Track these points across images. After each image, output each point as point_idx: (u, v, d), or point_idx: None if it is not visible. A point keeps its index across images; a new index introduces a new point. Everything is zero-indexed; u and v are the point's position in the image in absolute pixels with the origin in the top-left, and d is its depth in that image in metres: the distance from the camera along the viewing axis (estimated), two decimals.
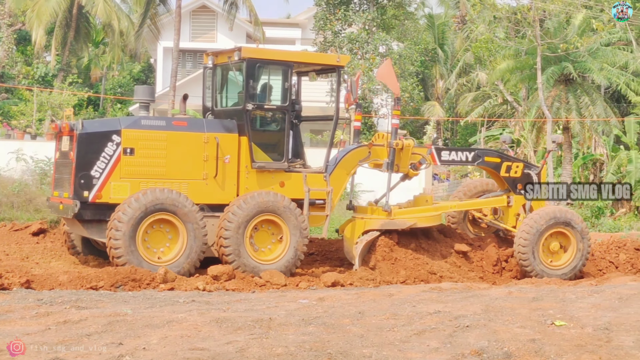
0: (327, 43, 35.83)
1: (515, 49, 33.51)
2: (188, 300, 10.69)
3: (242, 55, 13.93)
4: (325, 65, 15.47)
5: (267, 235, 13.82)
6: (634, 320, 9.41)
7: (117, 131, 13.27)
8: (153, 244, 13.14)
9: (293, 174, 14.37)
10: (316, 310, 9.94)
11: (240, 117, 14.07)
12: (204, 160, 13.71)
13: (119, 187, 13.12)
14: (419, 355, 7.57)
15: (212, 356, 7.14)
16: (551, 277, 14.99)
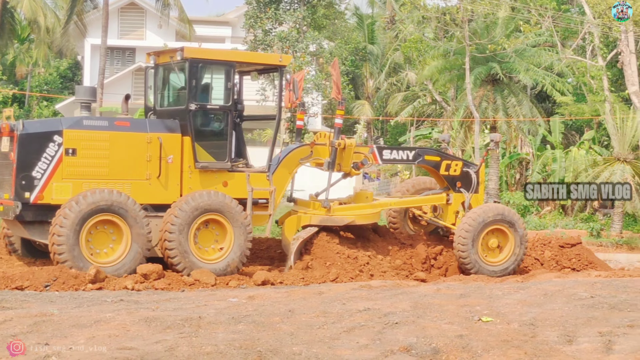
0: (258, 42, 35.77)
1: (444, 49, 33.88)
2: (116, 299, 10.58)
3: (185, 55, 13.85)
4: (267, 65, 15.54)
5: (211, 235, 13.75)
6: (558, 316, 9.59)
7: (59, 132, 13.08)
8: (97, 245, 12.96)
9: (236, 173, 14.36)
10: (246, 308, 9.92)
11: (183, 117, 13.97)
12: (147, 161, 13.58)
13: (61, 188, 12.94)
14: (348, 352, 7.61)
15: (140, 356, 7.09)
16: (489, 273, 15.27)
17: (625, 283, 13.22)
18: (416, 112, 42.21)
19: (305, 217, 15.00)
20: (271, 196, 14.40)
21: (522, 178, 35.46)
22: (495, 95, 33.58)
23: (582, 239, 18.95)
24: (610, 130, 29.13)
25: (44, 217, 12.91)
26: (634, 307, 10.29)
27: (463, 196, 16.20)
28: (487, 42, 31.76)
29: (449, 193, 16.26)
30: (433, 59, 34.81)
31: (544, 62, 33.13)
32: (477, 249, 15.32)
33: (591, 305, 10.38)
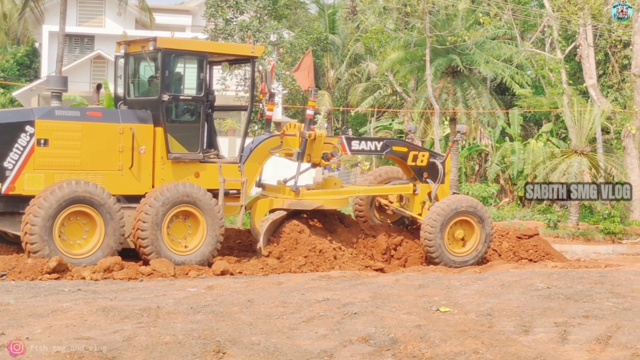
0: (218, 31, 35.61)
1: (405, 41, 33.96)
2: (74, 289, 10.51)
3: (158, 45, 13.77)
4: (239, 55, 15.53)
5: (183, 227, 13.74)
6: (514, 306, 9.69)
7: (31, 122, 12.98)
8: (70, 236, 12.88)
9: (208, 164, 14.32)
10: (205, 298, 9.92)
11: (155, 107, 13.92)
12: (120, 151, 13.53)
13: (32, 178, 12.87)
14: (307, 342, 7.64)
15: (98, 345, 7.06)
16: (456, 263, 15.41)
17: (581, 274, 13.37)
18: (377, 103, 42.29)
19: (274, 201, 15.01)
20: (243, 187, 14.44)
21: (480, 170, 35.72)
22: (455, 87, 33.76)
23: (540, 230, 19.15)
24: (568, 122, 29.38)
25: (15, 208, 12.85)
26: (589, 297, 10.42)
27: (429, 187, 16.26)
28: (448, 34, 31.91)
29: (415, 183, 16.32)
30: (394, 50, 34.89)
31: (504, 54, 33.35)
32: (445, 246, 15.45)
33: (547, 296, 10.49)
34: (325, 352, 7.32)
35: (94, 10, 45.90)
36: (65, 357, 6.73)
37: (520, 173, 31.61)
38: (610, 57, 35.10)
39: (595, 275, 13.09)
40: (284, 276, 12.88)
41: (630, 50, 32.08)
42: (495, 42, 33.98)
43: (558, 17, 31.95)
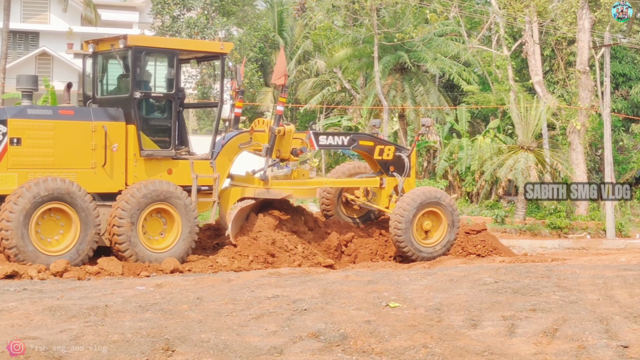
0: (166, 28, 35.44)
1: (353, 37, 34.09)
2: (19, 288, 10.37)
3: (128, 43, 13.74)
4: (208, 52, 15.44)
5: (158, 224, 13.73)
6: (463, 301, 9.77)
7: (3, 121, 12.92)
8: (46, 233, 12.82)
9: (180, 161, 14.32)
10: (154, 296, 9.85)
11: (127, 105, 13.86)
12: (92, 150, 13.47)
13: (6, 177, 12.81)
14: (257, 339, 7.63)
15: (45, 345, 6.99)
16: (424, 254, 15.58)
17: (527, 268, 13.52)
18: (325, 99, 42.33)
19: (244, 190, 15.14)
20: (215, 183, 14.45)
21: (429, 166, 35.94)
22: (403, 84, 33.99)
23: (487, 225, 19.30)
24: (515, 119, 29.72)
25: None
26: (536, 291, 10.54)
27: (396, 180, 16.37)
28: (395, 31, 32.10)
29: (382, 177, 16.45)
30: (342, 47, 35.00)
31: (451, 51, 33.64)
32: (414, 238, 15.60)
33: (495, 290, 10.59)
34: (275, 349, 7.32)
35: (38, 6, 45.43)
36: (10, 358, 6.66)
37: (468, 169, 31.88)
38: (555, 54, 35.53)
39: (542, 270, 13.24)
40: (233, 274, 12.85)
41: (575, 47, 32.53)
42: (443, 40, 34.26)
43: (504, 14, 32.29)
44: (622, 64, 37.26)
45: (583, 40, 30.91)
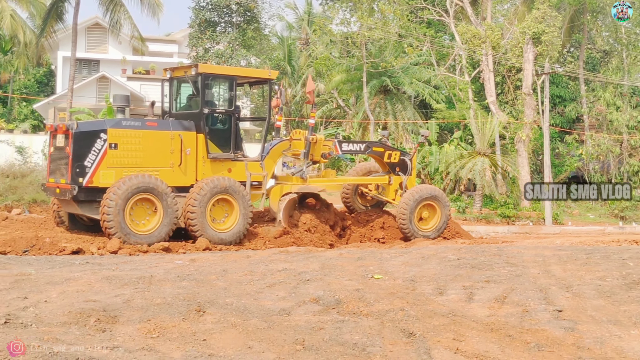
0: (199, 57, 35.39)
1: (347, 66, 34.08)
2: (83, 262, 10.40)
3: (199, 70, 14.08)
4: (259, 78, 15.55)
5: (222, 209, 13.88)
6: (432, 274, 9.77)
7: (104, 130, 13.21)
8: (137, 217, 13.03)
9: (237, 162, 14.59)
10: (189, 269, 9.87)
11: (197, 119, 14.16)
12: (171, 153, 13.85)
13: (106, 174, 13.09)
14: (270, 303, 7.64)
15: (103, 307, 7.00)
16: (421, 237, 15.82)
17: (483, 248, 13.51)
18: (324, 114, 42.31)
19: (287, 186, 15.35)
20: (264, 179, 14.81)
21: None
22: (386, 103, 34.01)
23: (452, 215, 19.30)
24: (473, 130, 29.72)
25: (93, 197, 13.06)
26: (489, 267, 10.55)
27: (401, 178, 16.67)
28: (380, 61, 32.12)
29: (390, 176, 16.73)
30: (338, 73, 34.99)
31: (424, 77, 33.65)
32: (414, 224, 15.89)
33: (457, 266, 10.59)
34: (284, 310, 7.33)
35: (99, 39, 45.44)
36: (76, 315, 6.67)
37: (436, 170, 31.86)
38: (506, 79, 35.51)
39: (494, 250, 13.23)
40: (252, 251, 12.86)
41: (521, 74, 32.52)
42: (417, 68, 34.28)
43: (466, 48, 32.26)
44: (559, 88, 37.26)
45: (527, 69, 30.89)
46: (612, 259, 11.62)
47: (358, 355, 5.98)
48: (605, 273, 10.06)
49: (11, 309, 6.78)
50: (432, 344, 6.42)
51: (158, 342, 6.11)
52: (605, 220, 28.49)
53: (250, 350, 5.98)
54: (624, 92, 34.66)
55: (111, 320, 6.63)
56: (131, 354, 5.72)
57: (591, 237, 19.08)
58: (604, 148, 32.76)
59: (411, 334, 6.69)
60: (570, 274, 10.04)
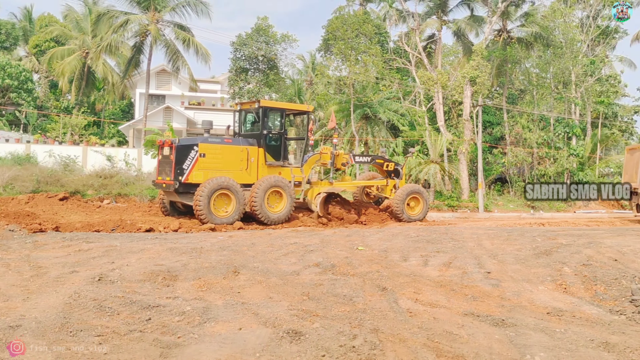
0: (236, 94, 35.38)
1: (339, 100, 34.05)
2: (153, 237, 10.43)
3: (261, 104, 14.34)
4: (301, 110, 15.54)
5: (275, 198, 14.01)
6: (399, 246, 9.79)
7: (197, 144, 13.46)
8: (218, 206, 13.22)
9: (285, 168, 14.76)
10: (227, 242, 9.90)
11: (259, 138, 14.36)
12: (241, 161, 14.04)
13: (197, 174, 13.36)
14: (285, 266, 7.66)
15: (167, 269, 7.02)
16: (412, 220, 16.06)
17: (435, 229, 13.55)
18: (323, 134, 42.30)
19: (318, 188, 15.56)
20: (303, 180, 15.13)
21: None
22: (367, 125, 33.93)
23: None
24: (428, 145, 29.70)
25: (188, 190, 13.34)
26: (439, 241, 10.57)
27: (395, 181, 16.93)
28: (363, 96, 32.08)
29: (387, 179, 16.98)
30: (333, 105, 34.93)
31: (393, 107, 33.57)
32: (405, 211, 16.09)
33: (417, 240, 10.61)
34: (295, 272, 7.34)
35: (164, 80, 45.48)
36: (148, 275, 6.69)
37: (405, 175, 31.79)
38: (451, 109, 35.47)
39: (443, 229, 13.26)
40: (272, 229, 12.89)
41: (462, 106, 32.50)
42: (389, 101, 34.22)
43: (423, 87, 32.24)
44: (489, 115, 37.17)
45: (466, 102, 30.82)
46: (526, 236, 11.64)
47: (347, 303, 5.99)
48: (521, 246, 10.08)
49: (103, 270, 6.81)
50: (399, 296, 6.43)
51: (206, 294, 6.13)
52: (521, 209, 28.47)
53: (271, 300, 6.00)
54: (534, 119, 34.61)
55: (173, 278, 6.65)
56: (187, 302, 5.73)
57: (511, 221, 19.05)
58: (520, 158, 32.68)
59: (384, 288, 6.70)
60: (496, 247, 10.06)
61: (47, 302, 5.42)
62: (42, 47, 44.66)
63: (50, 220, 11.64)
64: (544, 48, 33.01)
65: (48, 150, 24.06)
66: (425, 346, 4.78)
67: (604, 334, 5.43)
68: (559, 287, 7.22)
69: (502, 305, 6.32)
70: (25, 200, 14.77)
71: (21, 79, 41.35)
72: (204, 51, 33.99)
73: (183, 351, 4.39)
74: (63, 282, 6.25)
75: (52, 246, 8.59)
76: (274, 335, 4.77)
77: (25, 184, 17.22)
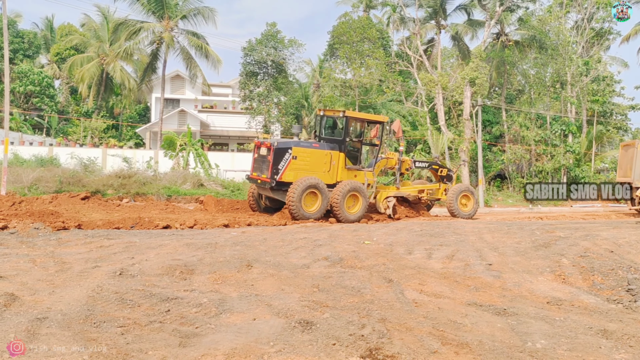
0: (246, 97, 35.41)
1: (345, 101, 34.01)
2: (170, 234, 10.46)
3: (345, 114, 14.69)
4: (377, 120, 15.68)
5: (352, 201, 14.30)
6: (404, 240, 9.77)
7: (290, 147, 13.95)
8: (307, 203, 13.63)
9: (360, 171, 15.09)
10: (240, 238, 9.91)
11: (340, 143, 14.68)
12: (324, 163, 14.39)
13: (289, 174, 13.81)
14: (295, 260, 7.66)
15: (184, 263, 7.04)
16: (464, 215, 16.37)
17: (438, 223, 13.49)
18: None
19: (386, 192, 15.89)
20: (373, 182, 15.39)
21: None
22: None
23: None
24: (430, 144, 29.62)
25: (281, 187, 13.82)
26: (442, 235, 10.54)
27: (447, 185, 17.19)
28: (367, 98, 32.02)
29: (440, 183, 17.31)
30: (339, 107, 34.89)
31: (396, 109, 33.49)
32: (459, 208, 16.41)
33: (421, 235, 10.59)
34: (305, 265, 7.35)
35: (179, 85, 45.61)
36: (166, 269, 6.71)
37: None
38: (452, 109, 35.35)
39: (445, 224, 13.22)
40: (282, 226, 12.88)
41: (462, 106, 32.37)
42: (392, 102, 34.13)
43: (425, 88, 32.14)
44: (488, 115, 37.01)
45: (466, 102, 30.70)
46: (525, 230, 11.59)
47: (355, 295, 5.99)
48: (521, 239, 10.03)
49: (123, 265, 6.84)
50: (404, 287, 6.42)
51: (221, 286, 6.14)
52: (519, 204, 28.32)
53: (282, 292, 6.00)
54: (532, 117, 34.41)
55: (190, 272, 6.67)
56: (203, 294, 5.75)
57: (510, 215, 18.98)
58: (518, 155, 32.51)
59: (390, 280, 6.69)
60: (497, 240, 10.02)
61: (72, 296, 5.45)
62: (63, 54, 44.91)
63: (72, 219, 11.70)
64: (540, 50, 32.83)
65: (70, 152, 24.23)
66: (431, 334, 4.77)
67: (602, 322, 5.40)
68: (557, 277, 7.19)
69: (503, 296, 6.30)
70: (49, 200, 14.85)
71: (43, 85, 41.62)
72: (215, 57, 34.04)
73: (201, 340, 4.41)
74: (86, 276, 6.28)
75: (75, 243, 8.64)
76: (286, 325, 4.77)
77: (48, 184, 17.34)
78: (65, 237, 9.21)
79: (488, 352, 4.43)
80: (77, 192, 16.47)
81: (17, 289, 5.64)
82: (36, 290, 5.67)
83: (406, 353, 4.28)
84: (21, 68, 41.31)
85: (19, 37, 46.75)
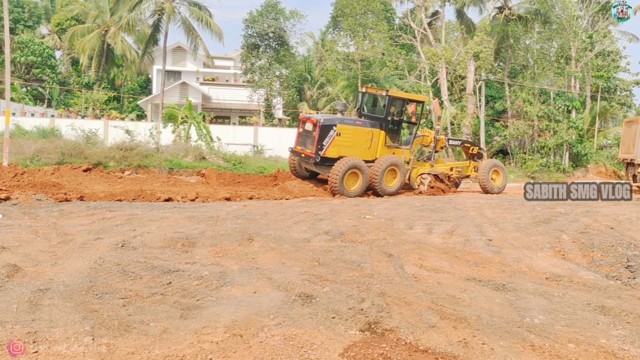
0: (248, 69, 35.08)
1: (348, 75, 33.67)
2: (172, 207, 10.47)
3: (389, 93, 14.86)
4: (418, 100, 15.76)
5: (390, 175, 14.58)
6: (404, 215, 9.77)
7: (335, 124, 14.06)
8: (349, 181, 13.87)
9: (398, 149, 15.32)
10: (242, 211, 9.92)
11: (381, 121, 14.81)
12: (366, 140, 14.54)
13: (332, 150, 14.01)
14: (296, 234, 7.68)
15: (185, 236, 7.05)
16: (495, 190, 16.61)
17: (438, 198, 13.45)
18: (332, 108, 41.97)
19: (423, 169, 16.08)
20: (411, 160, 15.73)
21: None
22: None
23: None
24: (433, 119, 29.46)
25: (326, 162, 14.05)
26: (443, 210, 10.54)
27: (477, 162, 17.38)
28: (369, 72, 31.69)
29: (470, 161, 17.51)
30: (341, 80, 34.57)
31: (399, 83, 33.17)
32: (490, 182, 16.64)
33: (421, 210, 10.59)
34: (306, 239, 7.36)
35: (180, 56, 45.17)
36: (168, 241, 6.73)
37: None
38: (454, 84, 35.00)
39: (446, 199, 13.22)
40: (284, 200, 12.88)
41: (465, 80, 32.06)
42: (395, 76, 33.79)
43: (428, 62, 31.78)
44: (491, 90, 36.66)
45: (470, 77, 30.38)
46: (525, 206, 11.58)
47: (355, 269, 6.01)
48: (521, 215, 10.03)
49: (125, 237, 6.86)
50: (404, 261, 6.44)
51: (222, 259, 6.17)
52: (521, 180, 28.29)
53: (283, 265, 6.03)
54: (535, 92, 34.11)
55: (191, 245, 6.69)
56: (205, 267, 5.77)
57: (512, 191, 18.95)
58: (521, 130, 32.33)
59: (390, 255, 6.71)
60: (497, 215, 10.02)
61: (74, 267, 5.48)
62: (64, 25, 44.40)
63: (75, 190, 11.70)
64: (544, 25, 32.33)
65: (70, 124, 24.11)
66: (430, 309, 4.80)
67: (600, 298, 5.42)
68: (557, 253, 7.20)
69: (502, 271, 6.32)
70: (51, 172, 14.84)
71: (44, 56, 41.26)
72: (218, 29, 33.62)
73: (202, 313, 4.43)
74: (88, 248, 6.31)
75: (77, 214, 8.65)
76: (286, 299, 4.80)
77: (50, 156, 17.31)
78: (67, 209, 9.22)
79: (486, 327, 4.46)
80: (79, 164, 16.44)
81: (20, 260, 5.66)
82: (39, 261, 5.69)
83: (405, 327, 4.31)
84: (22, 38, 40.92)
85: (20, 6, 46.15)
